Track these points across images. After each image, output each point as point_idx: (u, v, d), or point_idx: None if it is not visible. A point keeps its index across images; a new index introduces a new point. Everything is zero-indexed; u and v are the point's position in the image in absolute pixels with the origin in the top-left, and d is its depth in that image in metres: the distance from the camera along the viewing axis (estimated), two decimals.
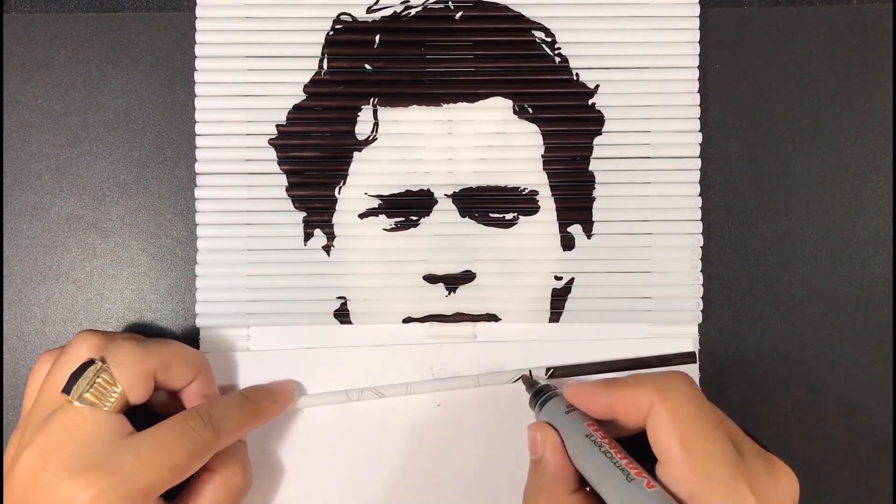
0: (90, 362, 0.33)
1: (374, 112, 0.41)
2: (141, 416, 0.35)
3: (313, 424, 0.40)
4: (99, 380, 0.33)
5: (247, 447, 0.38)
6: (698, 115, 0.42)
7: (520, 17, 0.42)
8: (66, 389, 0.33)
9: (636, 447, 0.33)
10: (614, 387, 0.34)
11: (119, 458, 0.31)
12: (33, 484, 0.31)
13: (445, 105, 0.41)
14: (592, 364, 0.41)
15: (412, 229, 0.41)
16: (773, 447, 0.41)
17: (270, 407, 0.38)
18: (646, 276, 0.41)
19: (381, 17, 0.42)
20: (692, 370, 0.41)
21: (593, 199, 0.41)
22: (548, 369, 0.40)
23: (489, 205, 0.41)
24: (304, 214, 0.41)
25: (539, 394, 0.37)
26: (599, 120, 0.42)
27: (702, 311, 0.41)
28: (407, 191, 0.41)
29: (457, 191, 0.41)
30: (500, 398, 0.40)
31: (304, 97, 0.41)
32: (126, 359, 0.34)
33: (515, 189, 0.41)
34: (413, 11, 0.42)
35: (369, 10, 0.42)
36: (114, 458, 0.31)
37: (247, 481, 0.36)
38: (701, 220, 0.42)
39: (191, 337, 0.41)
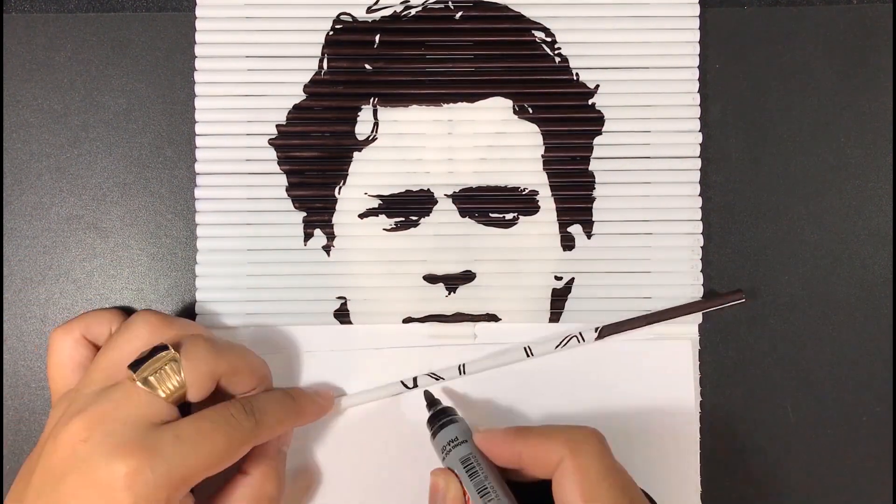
0: (163, 347, 0.33)
1: (374, 112, 0.41)
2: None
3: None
4: (167, 367, 0.33)
5: (286, 458, 0.38)
6: (698, 115, 0.42)
7: (520, 17, 0.42)
8: (133, 367, 0.32)
9: (534, 493, 0.34)
10: (525, 437, 0.34)
11: (160, 439, 0.31)
12: (73, 453, 0.31)
13: (445, 105, 0.41)
14: (641, 317, 0.40)
15: (412, 229, 0.41)
16: (774, 447, 0.41)
17: (311, 408, 0.38)
18: (646, 275, 0.41)
19: (381, 17, 0.42)
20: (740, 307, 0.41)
21: (593, 198, 0.41)
22: (596, 329, 0.40)
23: (489, 205, 0.41)
24: (304, 214, 0.41)
25: (437, 417, 0.37)
26: (599, 120, 0.42)
27: (702, 311, 0.41)
28: (407, 191, 0.41)
29: (457, 191, 0.41)
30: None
31: (304, 97, 0.41)
32: (198, 356, 0.34)
33: (515, 189, 0.41)
34: (413, 11, 0.42)
35: (369, 10, 0.42)
36: (154, 439, 0.31)
37: (279, 489, 0.36)
38: (701, 219, 0.42)
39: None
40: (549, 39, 0.42)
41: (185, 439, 0.32)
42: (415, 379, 0.40)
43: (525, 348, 0.40)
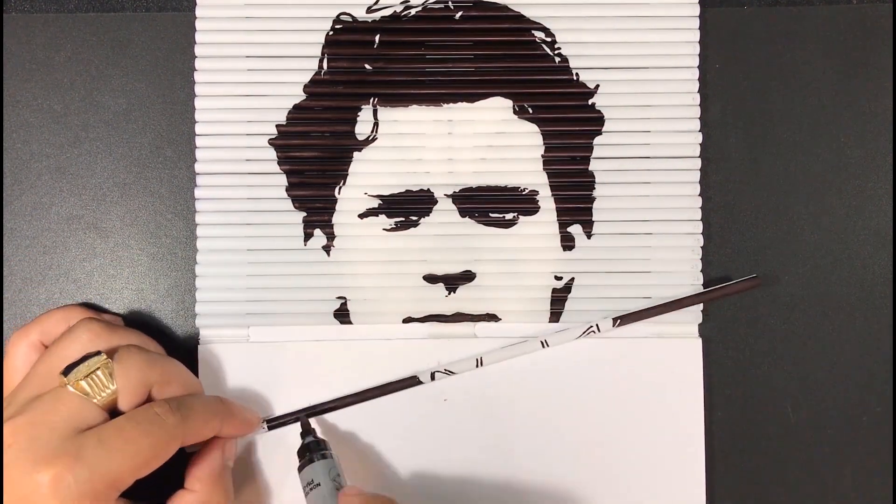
0: (96, 353, 0.33)
1: (374, 112, 0.41)
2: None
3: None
4: (98, 372, 0.33)
5: (230, 472, 0.37)
6: (698, 115, 0.42)
7: (520, 17, 0.42)
8: (65, 372, 0.33)
9: None
10: None
11: (83, 445, 0.31)
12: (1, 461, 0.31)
13: (445, 105, 0.41)
14: (655, 308, 0.40)
15: (412, 229, 0.41)
16: (774, 448, 0.41)
17: (239, 414, 0.38)
18: (646, 275, 0.41)
19: (381, 17, 0.42)
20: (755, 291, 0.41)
21: (593, 198, 0.41)
22: (614, 320, 0.40)
23: (489, 205, 0.41)
24: (304, 214, 0.41)
25: (306, 450, 0.37)
26: (599, 120, 0.42)
27: (702, 311, 0.41)
28: (407, 191, 0.41)
29: (457, 191, 0.41)
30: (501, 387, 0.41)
31: (304, 97, 0.41)
32: (131, 363, 0.34)
33: (515, 189, 0.41)
34: (413, 11, 0.42)
35: (369, 10, 0.42)
36: (78, 445, 0.31)
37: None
38: (701, 219, 0.42)
39: (191, 336, 0.41)
40: (549, 39, 0.42)
41: (107, 442, 0.31)
42: (432, 374, 0.40)
43: (542, 341, 0.40)
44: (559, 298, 0.41)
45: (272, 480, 0.40)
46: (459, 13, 0.42)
